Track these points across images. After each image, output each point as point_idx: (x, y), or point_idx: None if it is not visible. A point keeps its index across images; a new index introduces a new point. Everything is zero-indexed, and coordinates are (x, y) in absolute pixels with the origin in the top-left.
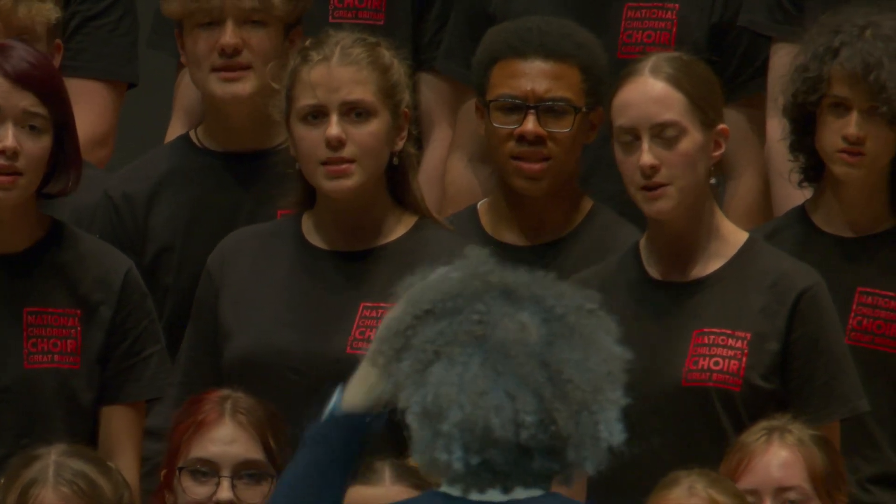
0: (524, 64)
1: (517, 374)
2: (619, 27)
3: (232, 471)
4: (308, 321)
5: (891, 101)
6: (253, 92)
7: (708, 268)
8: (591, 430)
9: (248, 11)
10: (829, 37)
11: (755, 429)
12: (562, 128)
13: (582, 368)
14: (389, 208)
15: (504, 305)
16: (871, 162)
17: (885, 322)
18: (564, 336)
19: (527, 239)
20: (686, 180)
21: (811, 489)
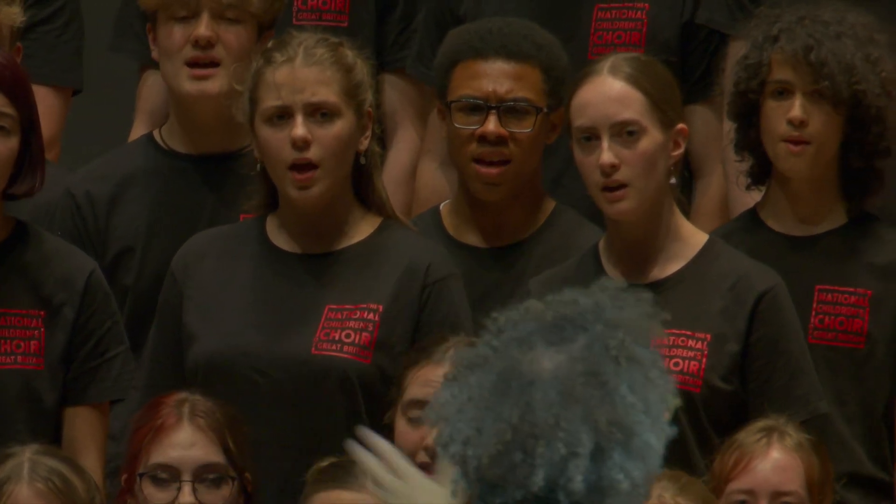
0: (485, 65)
1: (487, 404)
2: (590, 28)
3: (193, 475)
4: (273, 323)
5: (833, 76)
6: (221, 90)
7: (667, 269)
8: None
9: (224, 6)
10: (769, 25)
11: (752, 428)
12: (523, 128)
13: (561, 410)
14: (354, 209)
15: (537, 335)
16: (815, 151)
17: (847, 318)
18: (572, 377)
19: (488, 241)
20: (645, 180)
21: (806, 495)
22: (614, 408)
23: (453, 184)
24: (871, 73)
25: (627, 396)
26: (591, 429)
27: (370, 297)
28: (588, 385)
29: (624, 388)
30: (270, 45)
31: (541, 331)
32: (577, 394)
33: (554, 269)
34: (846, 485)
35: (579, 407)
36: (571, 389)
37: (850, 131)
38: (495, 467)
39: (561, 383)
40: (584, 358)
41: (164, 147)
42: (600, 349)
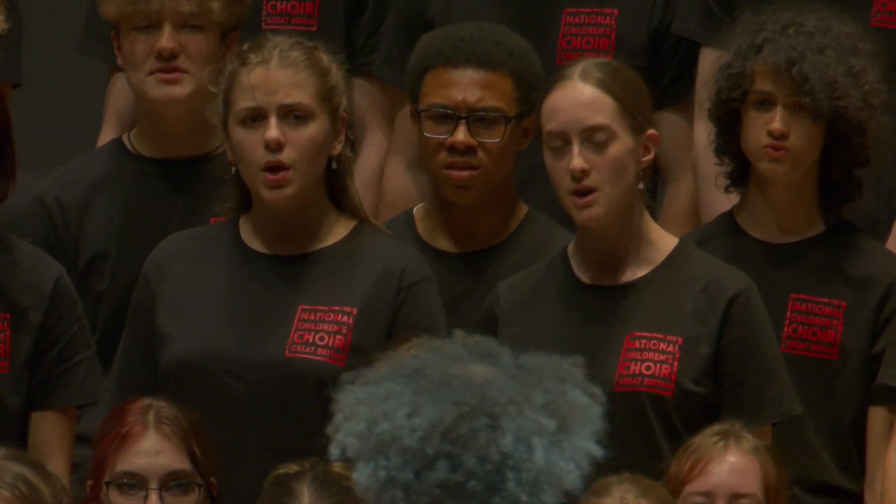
0: (455, 73)
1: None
2: (559, 33)
3: (159, 482)
4: (246, 325)
5: (814, 92)
6: (188, 95)
7: (637, 272)
8: None
9: (185, 16)
10: (753, 34)
11: (709, 431)
12: (492, 137)
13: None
14: (327, 212)
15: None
16: (795, 158)
17: (821, 329)
18: (520, 381)
19: (461, 246)
20: (615, 185)
21: (763, 498)
22: (569, 404)
23: (421, 187)
24: (853, 88)
25: (579, 399)
26: (552, 416)
27: (344, 300)
28: (544, 382)
29: (575, 394)
30: (245, 47)
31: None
32: (532, 386)
33: (523, 273)
34: (814, 493)
35: (539, 395)
36: (525, 384)
37: (830, 142)
38: (455, 431)
39: (510, 380)
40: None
41: (133, 152)
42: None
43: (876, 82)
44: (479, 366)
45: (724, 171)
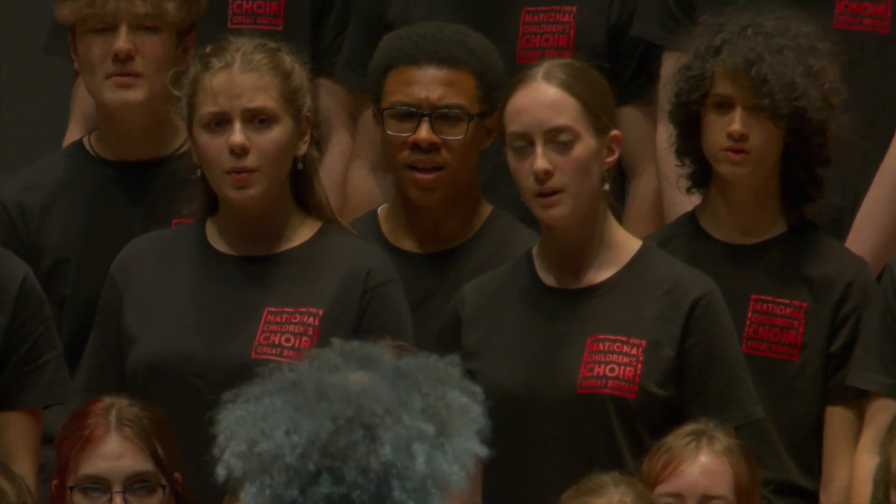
0: (418, 71)
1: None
2: (518, 32)
3: (123, 485)
4: (212, 326)
5: (773, 94)
6: (144, 99)
7: (601, 275)
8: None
9: (141, 17)
10: (711, 36)
11: (681, 431)
12: (455, 135)
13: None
14: (293, 213)
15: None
16: (756, 160)
17: (782, 329)
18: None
19: (425, 246)
20: (579, 186)
21: (734, 499)
22: (450, 408)
23: (384, 188)
24: (812, 88)
25: (458, 400)
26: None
27: (310, 301)
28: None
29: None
30: (208, 50)
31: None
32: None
33: (488, 274)
34: (776, 493)
35: (417, 400)
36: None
37: (790, 143)
38: (333, 445)
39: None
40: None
41: (94, 155)
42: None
43: (835, 82)
44: (357, 373)
45: (686, 173)
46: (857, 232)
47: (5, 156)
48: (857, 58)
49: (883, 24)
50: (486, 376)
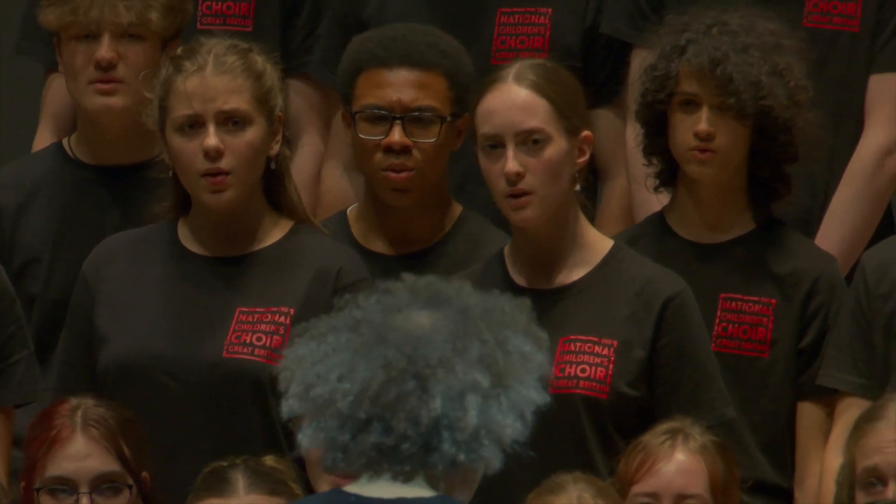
0: (389, 74)
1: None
2: (493, 33)
3: (90, 486)
4: (184, 326)
5: (738, 93)
6: (126, 106)
7: (573, 275)
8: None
9: (125, 26)
10: (677, 35)
11: (657, 430)
12: (428, 137)
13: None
14: (266, 213)
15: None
16: (722, 159)
17: (751, 327)
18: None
19: (395, 247)
20: (550, 188)
21: (710, 497)
22: (508, 356)
23: (357, 188)
24: (777, 86)
25: (521, 347)
26: (487, 371)
27: (281, 301)
28: (483, 332)
29: (517, 341)
30: (180, 53)
31: (411, 298)
32: (470, 340)
33: (460, 274)
34: (749, 492)
35: (475, 350)
36: (465, 336)
37: (757, 141)
38: (384, 395)
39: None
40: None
41: (72, 157)
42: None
43: (801, 79)
44: (422, 313)
45: (653, 172)
46: (825, 230)
47: None
48: (826, 56)
49: (853, 23)
50: None
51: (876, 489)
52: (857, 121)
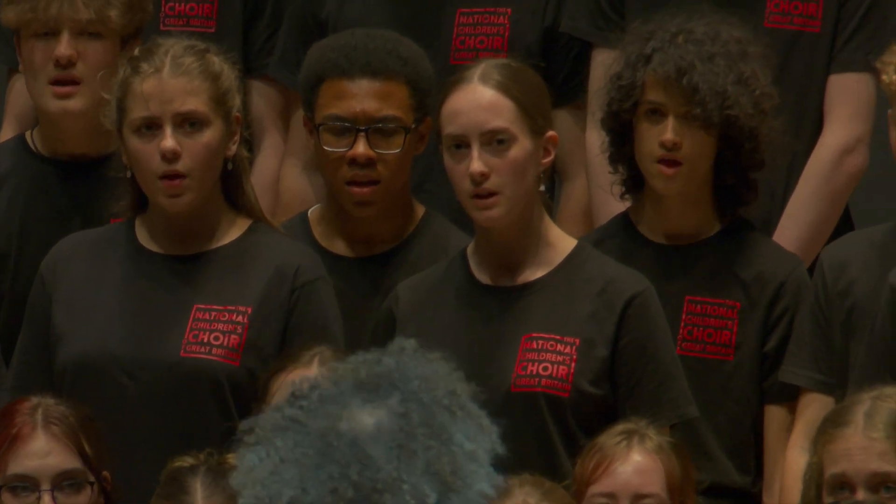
0: (351, 84)
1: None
2: (452, 33)
3: (51, 483)
4: (141, 325)
5: (704, 103)
6: (85, 107)
7: (536, 273)
8: None
9: (84, 23)
10: (642, 44)
11: (613, 431)
12: (392, 148)
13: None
14: (223, 212)
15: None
16: (688, 171)
17: (716, 330)
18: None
19: (357, 250)
20: (515, 188)
21: (667, 497)
22: (454, 457)
23: (317, 188)
24: (743, 95)
25: (465, 445)
26: (433, 479)
27: (239, 299)
28: (426, 436)
29: (461, 437)
30: (137, 54)
31: (352, 390)
32: (415, 445)
33: (422, 273)
34: (713, 494)
35: (420, 459)
36: (409, 441)
37: (723, 148)
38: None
39: (394, 437)
40: (406, 412)
41: (34, 150)
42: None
43: (767, 86)
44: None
45: (619, 180)
46: (783, 229)
47: None
48: (787, 57)
49: (814, 23)
50: None
51: (843, 494)
52: (818, 121)
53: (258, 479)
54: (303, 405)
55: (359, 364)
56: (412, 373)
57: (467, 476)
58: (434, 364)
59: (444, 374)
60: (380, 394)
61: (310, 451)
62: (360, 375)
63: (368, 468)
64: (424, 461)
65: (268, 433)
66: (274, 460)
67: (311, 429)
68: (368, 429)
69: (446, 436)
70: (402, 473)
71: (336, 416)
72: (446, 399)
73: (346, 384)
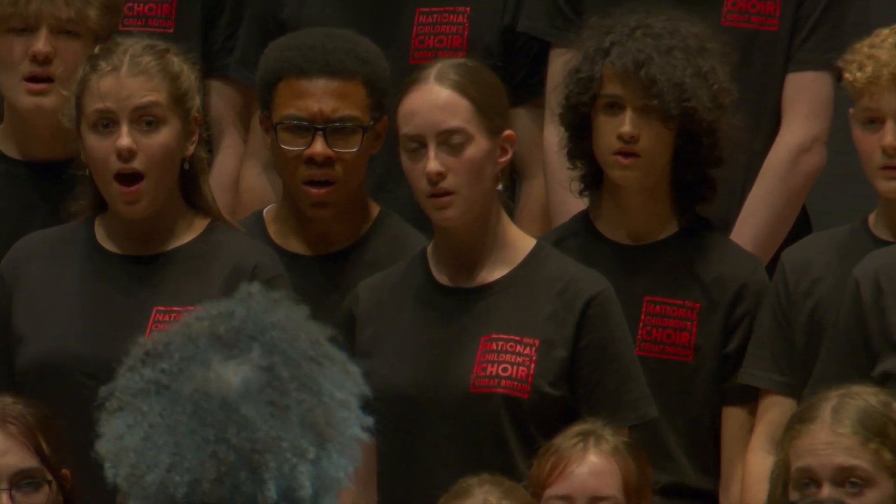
0: (309, 83)
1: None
2: (411, 33)
3: (9, 482)
4: (101, 326)
5: (662, 95)
6: (58, 105)
7: (495, 274)
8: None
9: (63, 21)
10: (600, 38)
11: (569, 433)
12: (350, 148)
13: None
14: (182, 212)
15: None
16: (646, 163)
17: (675, 331)
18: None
19: (313, 248)
20: (472, 187)
21: (623, 499)
22: (327, 408)
23: (277, 188)
24: (701, 89)
25: (335, 394)
26: (310, 433)
27: (198, 300)
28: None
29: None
30: (96, 52)
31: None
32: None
33: (382, 273)
34: (672, 495)
35: (294, 414)
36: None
37: (681, 144)
38: (218, 489)
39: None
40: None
41: None
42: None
43: (726, 82)
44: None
45: (578, 176)
46: (740, 227)
47: None
48: (745, 55)
49: (771, 22)
50: (380, 375)
51: (810, 490)
52: (776, 119)
53: (129, 446)
54: (164, 368)
55: (213, 318)
56: (266, 322)
57: (340, 424)
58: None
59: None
60: (240, 348)
61: (181, 417)
62: (216, 330)
63: (245, 429)
64: (299, 416)
65: (131, 398)
66: (143, 427)
67: (177, 392)
68: (236, 387)
69: (316, 387)
70: (279, 431)
71: (201, 376)
72: (311, 350)
73: (203, 341)
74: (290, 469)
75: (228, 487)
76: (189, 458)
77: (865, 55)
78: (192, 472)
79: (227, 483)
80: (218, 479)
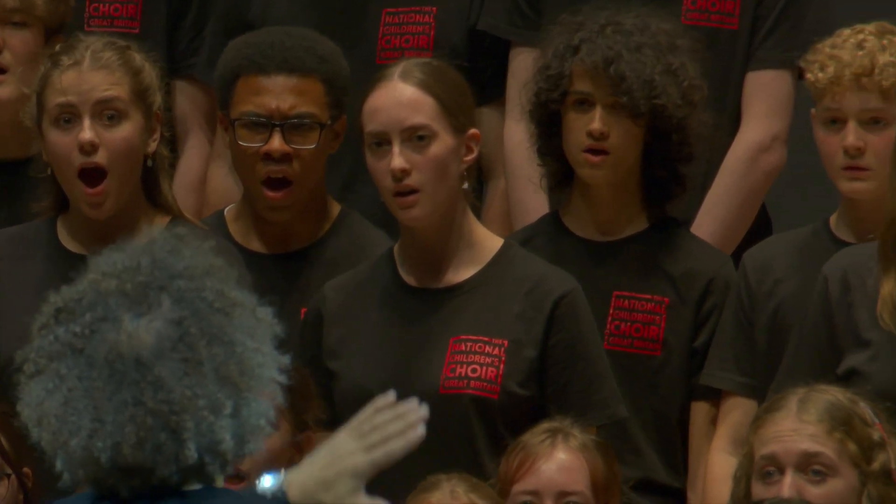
0: (267, 80)
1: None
2: (378, 33)
3: None
4: None
5: (631, 92)
6: (11, 96)
7: (462, 274)
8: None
9: (8, 12)
10: (570, 35)
11: (537, 430)
12: (307, 144)
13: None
14: (143, 210)
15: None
16: (615, 161)
17: (643, 325)
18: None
19: (274, 247)
20: (437, 185)
21: (591, 495)
22: (240, 359)
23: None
24: (671, 85)
25: (247, 342)
26: (226, 387)
27: None
28: (209, 345)
29: (241, 336)
30: (58, 49)
31: (121, 303)
32: (200, 356)
33: (350, 273)
34: (640, 491)
35: (207, 369)
36: (192, 354)
37: (651, 140)
38: (139, 452)
39: (177, 350)
40: (180, 320)
41: None
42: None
43: (696, 79)
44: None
45: (548, 172)
46: (699, 224)
47: None
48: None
49: (731, 20)
50: (348, 376)
51: (773, 478)
52: (736, 118)
53: (50, 412)
54: (76, 331)
55: (120, 274)
56: (173, 269)
57: (255, 371)
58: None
59: (205, 266)
60: (149, 303)
61: (98, 381)
62: (124, 288)
63: (161, 390)
64: (213, 370)
65: (48, 361)
66: (62, 391)
67: (91, 354)
68: (150, 345)
69: (227, 338)
70: (194, 389)
71: (113, 338)
72: (218, 301)
73: (112, 300)
74: (209, 426)
75: (150, 450)
76: (109, 423)
77: (827, 55)
78: (113, 437)
79: (147, 446)
80: (138, 443)
